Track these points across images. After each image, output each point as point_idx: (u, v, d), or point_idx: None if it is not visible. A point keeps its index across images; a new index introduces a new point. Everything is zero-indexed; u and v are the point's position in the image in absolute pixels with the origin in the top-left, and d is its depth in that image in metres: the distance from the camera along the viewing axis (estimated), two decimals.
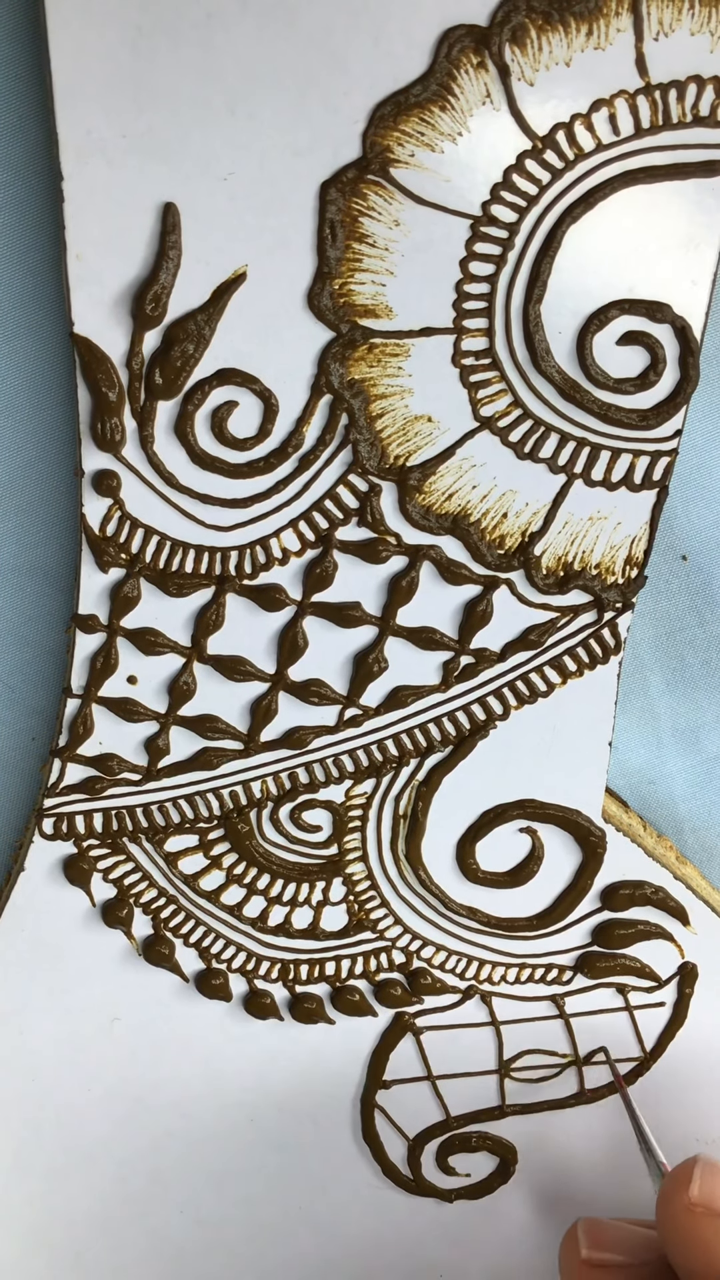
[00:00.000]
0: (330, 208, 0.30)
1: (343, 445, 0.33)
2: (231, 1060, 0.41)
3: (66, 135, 0.30)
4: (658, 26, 0.29)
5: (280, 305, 0.31)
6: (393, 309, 0.32)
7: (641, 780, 0.40)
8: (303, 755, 0.37)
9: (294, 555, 0.34)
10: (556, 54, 0.29)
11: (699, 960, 0.40)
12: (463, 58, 0.29)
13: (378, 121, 0.30)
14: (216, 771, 0.37)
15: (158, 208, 0.30)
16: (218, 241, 0.31)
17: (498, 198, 0.30)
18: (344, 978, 0.40)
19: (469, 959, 0.39)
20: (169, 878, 0.38)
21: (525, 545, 0.34)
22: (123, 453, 0.33)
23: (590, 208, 0.31)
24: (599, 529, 0.34)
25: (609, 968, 0.40)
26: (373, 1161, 0.42)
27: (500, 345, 0.32)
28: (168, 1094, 0.41)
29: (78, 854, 0.38)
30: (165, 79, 0.29)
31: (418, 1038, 0.40)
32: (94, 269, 0.31)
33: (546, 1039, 0.41)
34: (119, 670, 0.35)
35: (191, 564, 0.34)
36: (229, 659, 0.35)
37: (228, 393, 0.32)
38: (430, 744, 0.37)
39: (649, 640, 0.39)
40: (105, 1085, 0.41)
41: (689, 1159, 0.34)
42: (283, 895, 0.39)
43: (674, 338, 0.32)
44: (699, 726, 0.40)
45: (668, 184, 0.31)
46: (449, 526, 0.34)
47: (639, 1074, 0.41)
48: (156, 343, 0.32)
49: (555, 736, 0.37)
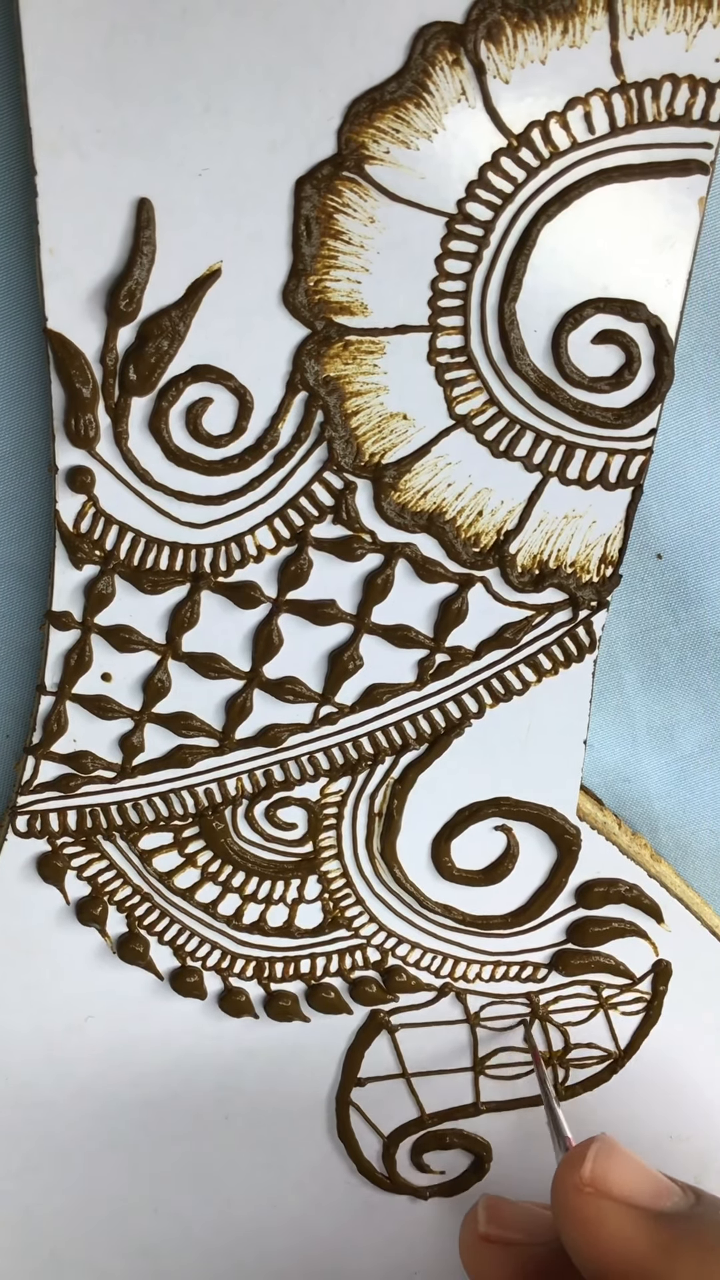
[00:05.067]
0: (305, 204, 0.30)
1: (318, 442, 0.33)
2: (206, 1058, 0.41)
3: (40, 130, 0.29)
4: (633, 25, 0.29)
5: (255, 302, 0.31)
6: (368, 306, 0.31)
7: (616, 778, 0.40)
8: (278, 753, 0.37)
9: (269, 552, 0.34)
10: (532, 52, 0.29)
11: (673, 958, 0.40)
12: (438, 55, 0.29)
13: (353, 118, 0.29)
14: (191, 769, 0.37)
15: (132, 203, 0.30)
16: (192, 237, 0.31)
17: (473, 195, 0.30)
18: (319, 975, 0.40)
19: (444, 956, 0.40)
20: (143, 875, 0.38)
21: (500, 543, 0.34)
22: (97, 449, 0.33)
23: (565, 206, 0.31)
24: (574, 527, 0.34)
25: (584, 965, 0.40)
26: (347, 1159, 0.42)
27: (475, 343, 0.32)
28: (142, 1092, 0.41)
29: (51, 852, 0.37)
30: (140, 74, 0.29)
31: (393, 1035, 0.40)
32: (68, 264, 0.31)
33: (521, 1037, 0.41)
34: (93, 667, 0.35)
35: (166, 561, 0.34)
36: (204, 656, 0.35)
37: (202, 389, 0.32)
38: (405, 742, 0.37)
39: (624, 638, 0.39)
40: (79, 1083, 0.41)
41: (588, 1139, 0.33)
42: (258, 893, 0.39)
43: (649, 336, 0.32)
44: (673, 724, 0.40)
45: (643, 183, 0.31)
46: (424, 524, 0.34)
47: (613, 1071, 0.41)
48: (131, 339, 0.32)
49: (530, 734, 0.37)
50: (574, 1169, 0.32)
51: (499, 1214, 0.35)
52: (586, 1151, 0.32)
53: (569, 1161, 0.32)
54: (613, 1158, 0.32)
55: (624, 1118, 0.41)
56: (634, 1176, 0.32)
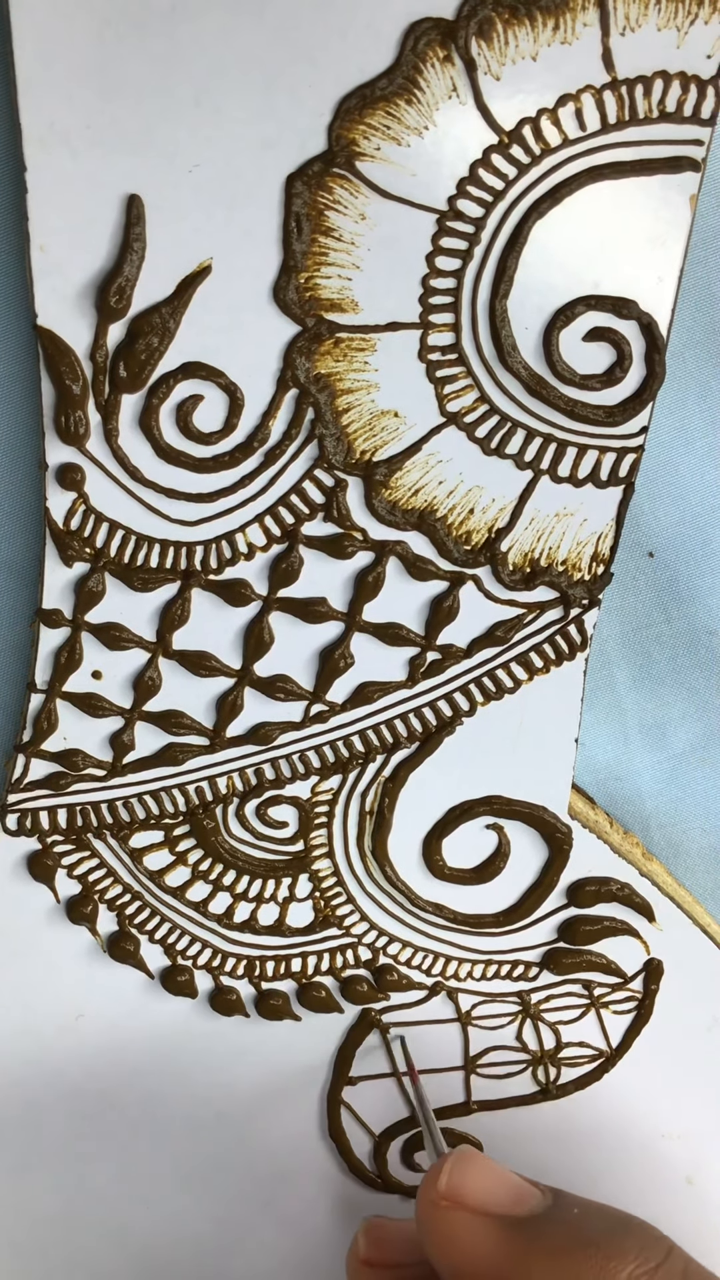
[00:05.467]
0: (296, 201, 0.30)
1: (309, 440, 0.33)
2: (197, 1057, 0.40)
3: (30, 126, 0.29)
4: (624, 22, 0.29)
5: (246, 299, 0.31)
6: (359, 303, 0.31)
7: (608, 776, 0.40)
8: (268, 751, 0.37)
9: (260, 550, 0.34)
10: (523, 48, 0.29)
11: (664, 956, 0.40)
12: (429, 51, 0.29)
13: (344, 115, 0.29)
14: (182, 767, 0.37)
15: (122, 200, 0.30)
16: (183, 234, 0.31)
17: (464, 192, 0.30)
18: (310, 974, 0.40)
19: (435, 955, 0.39)
20: (134, 874, 0.38)
21: (492, 541, 0.34)
22: (87, 446, 0.33)
23: (556, 203, 0.31)
24: (565, 525, 0.34)
25: (575, 964, 0.40)
26: (338, 1158, 0.42)
27: (467, 340, 0.32)
28: (133, 1091, 0.41)
29: (42, 850, 0.37)
30: (130, 70, 0.29)
31: (384, 1034, 0.40)
32: (57, 261, 0.31)
33: (512, 1036, 0.41)
34: (84, 665, 0.35)
35: (157, 559, 0.34)
36: (194, 654, 0.35)
37: (193, 386, 0.32)
38: (397, 740, 0.37)
39: (615, 637, 0.39)
40: (70, 1082, 0.40)
41: (450, 1151, 0.33)
42: (249, 891, 0.38)
43: (640, 334, 0.32)
44: (665, 723, 0.40)
45: (634, 180, 0.31)
46: (415, 522, 0.34)
47: (604, 1070, 0.41)
48: (121, 336, 0.31)
49: (522, 733, 0.37)
50: (432, 1184, 0.32)
51: (380, 1236, 0.35)
52: (444, 1166, 0.32)
53: (428, 1177, 0.32)
54: (469, 1168, 0.32)
55: (615, 1117, 0.41)
56: (489, 1184, 0.32)
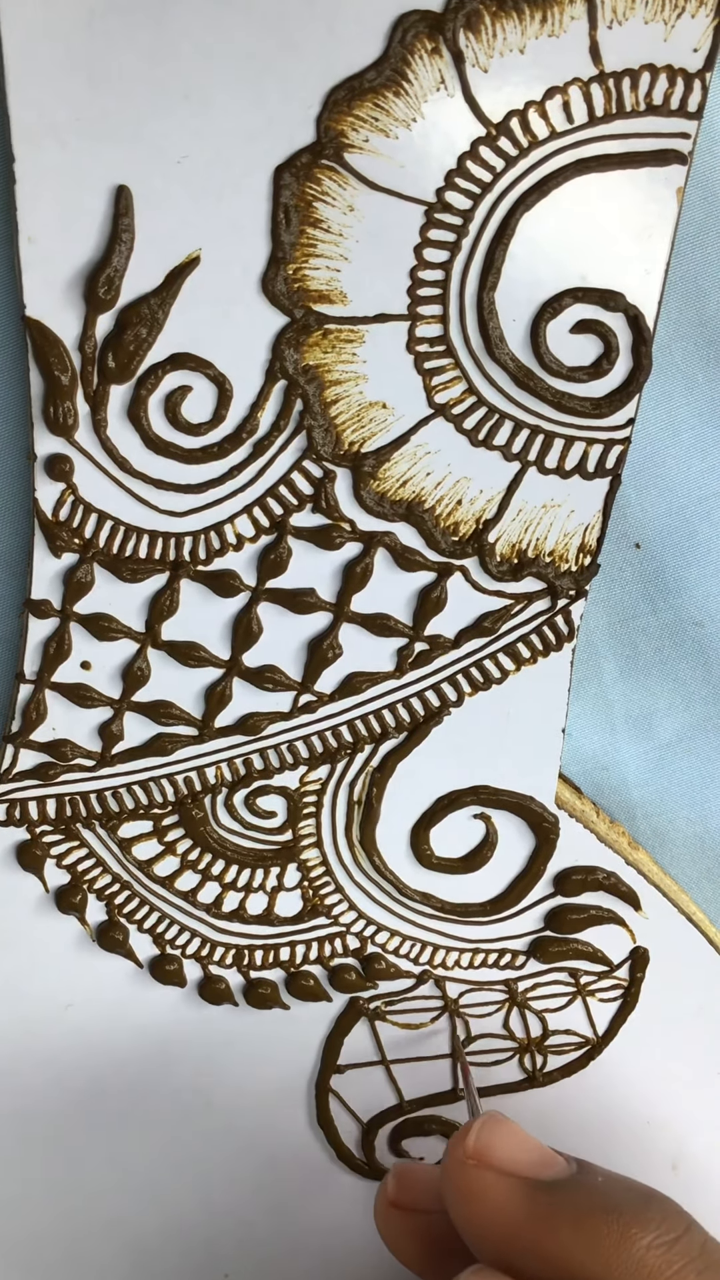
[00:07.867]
0: (284, 192, 0.30)
1: (297, 431, 0.33)
2: (186, 1046, 0.41)
3: (18, 116, 0.29)
4: (611, 14, 0.29)
5: (234, 290, 0.31)
6: (347, 295, 0.32)
7: (595, 766, 0.41)
8: (257, 741, 0.37)
9: (248, 541, 0.34)
10: (511, 40, 0.29)
11: (650, 945, 0.40)
12: (417, 43, 0.29)
13: (332, 106, 0.29)
14: (171, 757, 0.37)
15: (111, 190, 0.30)
16: (171, 225, 0.31)
17: (452, 184, 0.30)
18: (298, 963, 0.40)
19: (423, 944, 0.40)
20: (123, 864, 0.38)
21: (479, 532, 0.34)
22: (75, 437, 0.33)
23: (544, 195, 0.31)
24: (552, 517, 0.34)
25: (561, 952, 0.40)
26: (327, 1145, 0.42)
27: (455, 332, 0.32)
28: (122, 1079, 0.41)
29: (31, 840, 0.37)
30: (119, 61, 0.29)
31: (372, 1022, 0.40)
32: (46, 252, 0.31)
33: (500, 1024, 0.41)
34: (72, 656, 0.35)
35: (145, 549, 0.34)
36: (183, 645, 0.35)
37: (181, 377, 0.32)
38: (385, 730, 0.37)
39: (602, 627, 0.39)
40: (59, 1071, 0.41)
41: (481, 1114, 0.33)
42: (237, 881, 0.39)
43: (627, 326, 0.32)
44: (652, 713, 0.40)
45: (621, 173, 0.31)
46: (403, 513, 0.34)
47: (591, 1057, 0.41)
48: (109, 326, 0.31)
49: (509, 723, 0.37)
50: (460, 1143, 0.32)
51: (409, 1181, 0.35)
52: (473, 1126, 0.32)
53: (456, 1137, 0.32)
54: (497, 1130, 0.32)
55: (601, 1104, 0.42)
56: (517, 1147, 0.32)
